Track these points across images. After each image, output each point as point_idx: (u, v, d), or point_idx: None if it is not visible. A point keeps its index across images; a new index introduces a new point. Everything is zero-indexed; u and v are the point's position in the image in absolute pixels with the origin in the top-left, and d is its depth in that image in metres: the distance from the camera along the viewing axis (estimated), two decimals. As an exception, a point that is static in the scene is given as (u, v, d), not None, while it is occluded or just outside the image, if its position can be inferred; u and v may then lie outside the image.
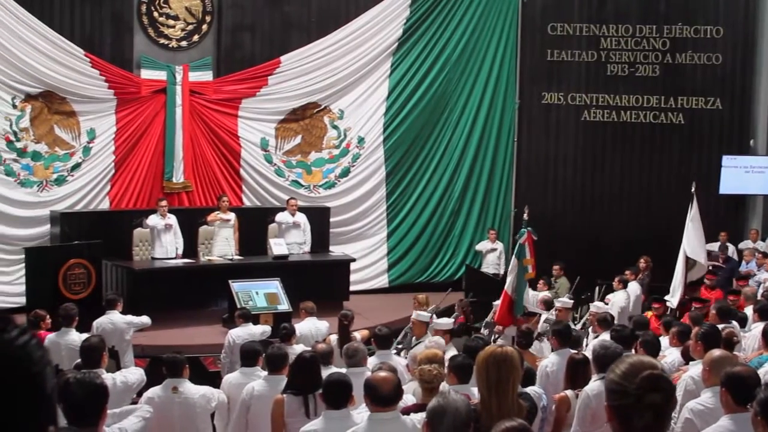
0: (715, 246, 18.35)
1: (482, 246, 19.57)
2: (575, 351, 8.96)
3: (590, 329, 12.30)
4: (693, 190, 16.03)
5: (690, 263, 16.13)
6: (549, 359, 9.31)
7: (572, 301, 12.13)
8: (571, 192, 20.02)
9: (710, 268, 17.10)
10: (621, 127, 19.74)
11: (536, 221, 19.45)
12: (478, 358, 5.25)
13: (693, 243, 16.14)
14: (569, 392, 7.74)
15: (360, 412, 6.37)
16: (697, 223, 16.21)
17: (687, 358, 9.11)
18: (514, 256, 12.79)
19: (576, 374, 7.93)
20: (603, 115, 19.83)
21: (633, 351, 9.00)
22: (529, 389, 7.15)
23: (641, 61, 19.62)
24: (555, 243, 18.97)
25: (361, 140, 19.45)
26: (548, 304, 14.60)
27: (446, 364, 7.33)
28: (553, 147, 20.11)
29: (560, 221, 19.65)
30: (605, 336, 10.41)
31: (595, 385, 7.31)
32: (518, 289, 12.26)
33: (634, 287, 16.03)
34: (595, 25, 19.65)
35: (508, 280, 12.65)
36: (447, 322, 11.22)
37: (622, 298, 15.46)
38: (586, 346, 10.91)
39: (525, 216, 13.41)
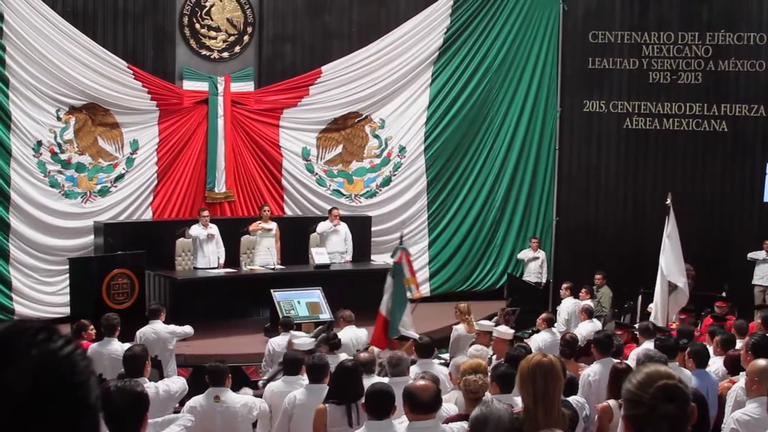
0: (759, 254, 18.15)
1: (524, 254, 19.51)
2: (618, 360, 8.88)
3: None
4: (668, 201, 15.00)
5: (672, 286, 14.52)
6: (591, 368, 9.23)
7: (512, 332, 11.46)
8: (613, 200, 19.90)
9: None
10: (663, 135, 19.59)
11: (578, 230, 19.57)
12: (523, 367, 5.20)
13: (670, 263, 14.63)
14: (612, 402, 7.66)
15: (402, 422, 6.36)
16: (675, 240, 14.85)
17: (730, 367, 9.03)
18: (388, 275, 11.95)
19: (619, 384, 7.83)
20: (645, 123, 19.70)
21: (677, 361, 8.94)
22: (571, 398, 7.11)
23: (683, 69, 19.48)
24: (597, 252, 18.90)
25: (402, 149, 19.45)
26: (589, 313, 14.52)
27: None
28: (594, 155, 20.00)
29: (602, 230, 19.56)
30: (648, 345, 10.34)
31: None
32: (393, 310, 11.47)
33: (678, 296, 15.90)
34: (636, 33, 19.53)
35: (383, 300, 11.81)
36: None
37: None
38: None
39: (401, 233, 12.95)
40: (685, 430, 3.07)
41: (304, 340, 10.41)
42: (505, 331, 10.75)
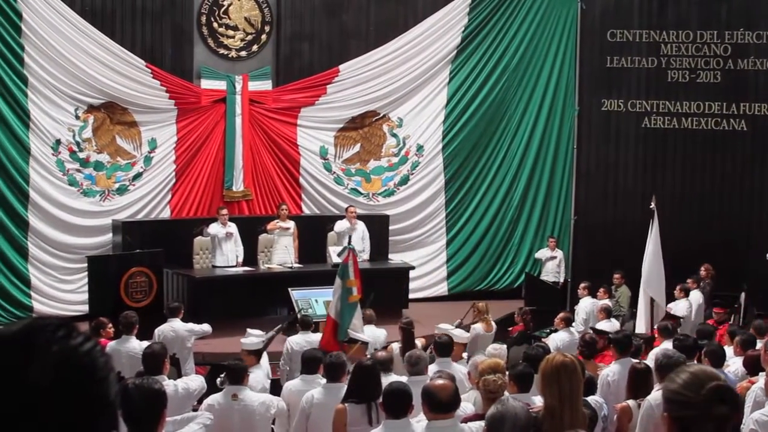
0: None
1: (542, 254, 19.46)
2: (637, 360, 8.85)
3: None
4: (652, 205, 14.73)
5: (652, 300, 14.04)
6: (610, 368, 9.21)
7: (468, 335, 11.27)
8: (631, 199, 19.78)
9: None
10: (682, 134, 19.50)
11: (596, 229, 19.50)
12: (546, 367, 5.19)
13: (651, 274, 14.16)
14: (631, 402, 7.64)
15: (419, 421, 6.36)
16: (657, 247, 14.38)
17: (749, 367, 8.98)
18: (337, 276, 11.85)
19: (638, 384, 7.81)
20: (664, 122, 19.61)
21: (695, 360, 8.90)
22: (590, 398, 7.09)
23: (702, 68, 19.38)
24: (615, 251, 18.81)
25: (420, 148, 19.44)
26: (608, 312, 14.48)
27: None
28: (613, 154, 19.92)
29: (620, 229, 19.47)
30: (667, 345, 10.30)
31: (658, 394, 7.18)
32: (342, 312, 11.36)
33: (696, 296, 15.86)
34: (655, 32, 19.45)
35: (332, 302, 11.75)
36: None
37: (684, 307, 15.30)
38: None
39: (349, 234, 12.79)
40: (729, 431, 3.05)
41: (252, 339, 10.35)
42: (461, 335, 10.62)
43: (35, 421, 1.56)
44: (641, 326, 13.34)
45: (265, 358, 10.11)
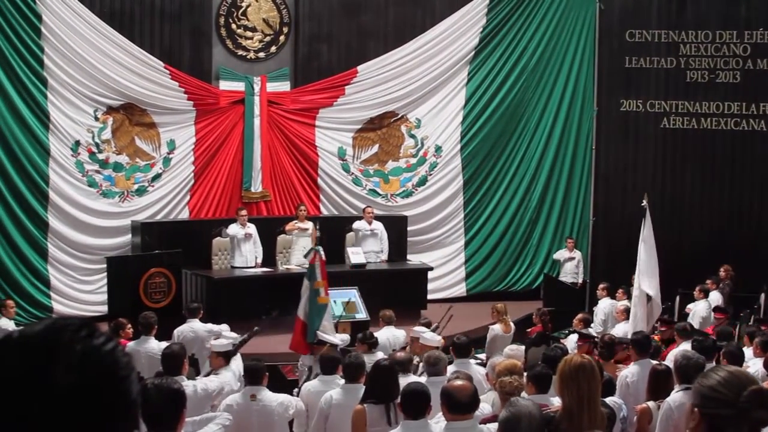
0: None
1: (560, 255, 19.42)
2: (657, 362, 8.82)
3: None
4: (644, 203, 14.34)
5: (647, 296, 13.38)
6: (629, 369, 9.18)
7: (439, 338, 11.06)
8: (650, 200, 19.71)
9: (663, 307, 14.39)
10: (701, 135, 19.41)
11: (614, 230, 19.42)
12: (564, 369, 5.18)
13: (644, 271, 13.57)
14: (651, 403, 7.61)
15: (437, 422, 6.36)
16: (650, 245, 13.95)
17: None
18: (305, 278, 11.74)
19: (658, 385, 7.78)
20: (683, 122, 19.53)
21: (714, 362, 8.87)
22: (609, 399, 7.07)
23: (721, 68, 19.29)
24: (634, 252, 18.72)
25: (438, 149, 19.43)
26: (627, 313, 14.43)
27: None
28: (631, 155, 19.84)
29: (639, 230, 19.36)
30: (686, 346, 10.27)
31: (677, 396, 7.17)
32: (310, 314, 11.21)
33: (716, 296, 15.79)
34: (674, 32, 19.38)
35: (300, 304, 11.59)
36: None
37: (703, 308, 15.24)
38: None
39: (317, 234, 12.68)
40: None
41: (221, 341, 10.30)
42: (432, 338, 10.50)
43: (59, 421, 1.57)
44: (641, 325, 12.72)
45: (238, 360, 10.02)
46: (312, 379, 9.29)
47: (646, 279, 13.27)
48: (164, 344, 10.00)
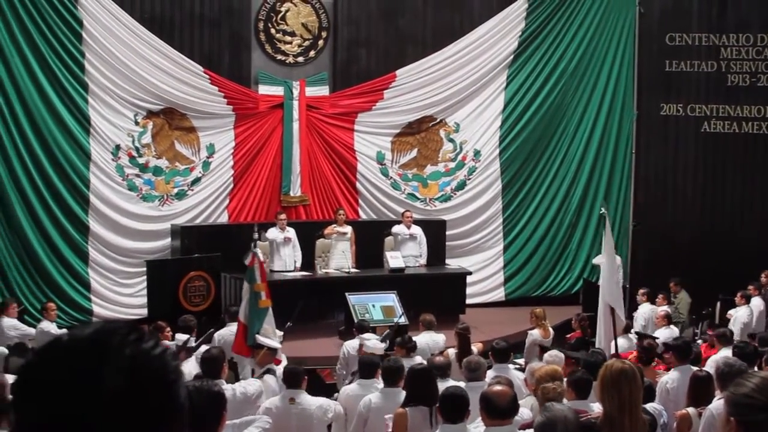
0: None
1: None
2: (698, 368, 8.75)
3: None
4: (602, 211, 13.61)
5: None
6: (669, 375, 9.11)
7: (384, 345, 10.79)
8: (691, 205, 19.60)
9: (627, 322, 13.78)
10: (742, 139, 19.25)
11: (655, 234, 19.31)
12: (606, 374, 5.15)
13: (606, 284, 12.71)
14: (691, 410, 7.54)
15: (476, 426, 6.34)
16: (610, 256, 13.08)
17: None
18: (245, 281, 11.54)
19: (699, 392, 7.71)
20: (723, 126, 19.38)
21: (756, 368, 8.80)
22: (649, 405, 7.03)
23: (763, 71, 19.12)
24: (675, 257, 18.65)
25: (477, 153, 19.39)
26: (668, 319, 14.35)
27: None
28: (671, 159, 19.72)
29: (680, 234, 19.29)
30: (726, 352, 10.19)
31: (720, 403, 7.08)
32: (251, 317, 10.95)
33: (757, 302, 15.65)
34: (714, 35, 19.23)
35: (241, 306, 11.41)
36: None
37: (744, 314, 15.12)
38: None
39: (255, 235, 12.57)
40: None
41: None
42: (374, 345, 10.35)
43: (108, 424, 1.58)
44: (602, 339, 12.01)
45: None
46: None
47: (609, 291, 12.49)
48: (204, 347, 10.05)
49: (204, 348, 10.06)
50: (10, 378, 7.76)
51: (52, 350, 1.66)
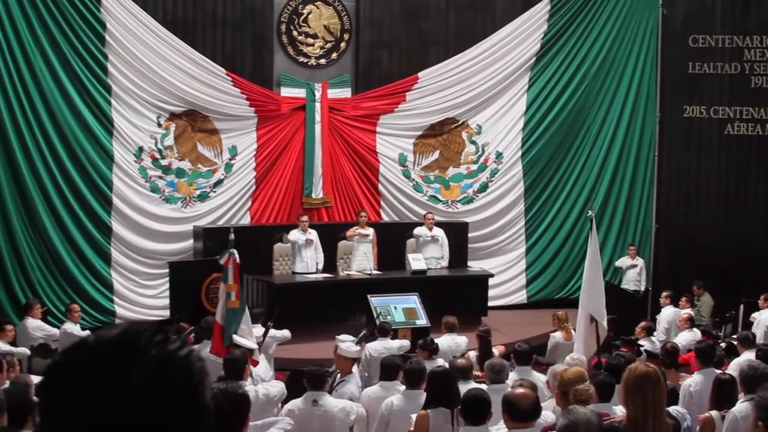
0: None
1: (622, 262, 19.25)
2: (721, 371, 8.72)
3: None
4: (590, 214, 13.08)
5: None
6: (692, 378, 9.09)
7: (357, 349, 10.72)
8: (714, 207, 19.51)
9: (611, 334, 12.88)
10: (766, 141, 19.16)
11: (678, 237, 19.24)
12: (629, 378, 5.13)
13: (589, 292, 12.16)
14: (714, 413, 7.51)
15: (499, 429, 6.33)
16: (596, 261, 12.57)
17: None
18: (221, 281, 11.40)
19: (722, 395, 7.67)
20: (747, 128, 19.29)
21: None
22: (672, 409, 7.00)
23: (787, 73, 19.07)
24: (698, 259, 18.57)
25: (499, 155, 19.36)
26: (691, 322, 14.29)
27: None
28: (695, 161, 19.65)
29: (703, 237, 19.21)
30: (749, 355, 10.14)
31: (743, 406, 7.05)
32: (226, 317, 10.84)
33: (783, 305, 15.57)
34: (738, 37, 19.13)
35: (218, 307, 11.25)
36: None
37: (767, 317, 15.04)
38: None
39: (231, 236, 12.51)
40: None
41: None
42: (348, 348, 10.31)
43: (134, 425, 1.58)
44: (580, 349, 11.42)
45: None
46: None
47: (590, 299, 12.06)
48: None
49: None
50: (35, 379, 7.80)
51: (78, 351, 1.66)
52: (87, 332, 12.72)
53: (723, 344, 12.98)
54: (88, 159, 16.46)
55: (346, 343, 10.32)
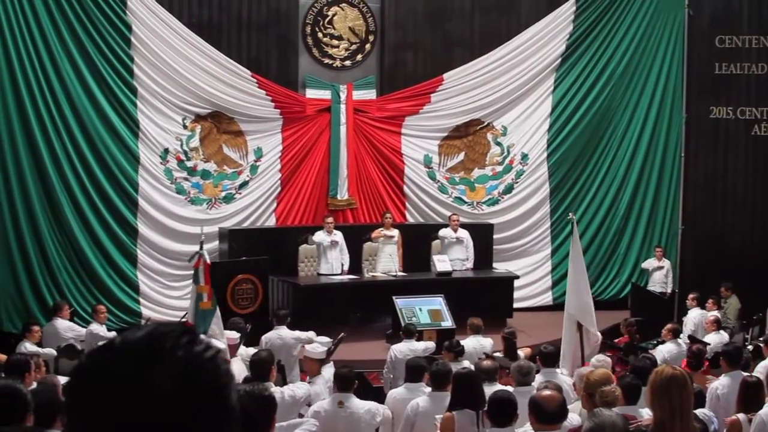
0: None
1: (648, 264, 19.17)
2: (748, 374, 8.67)
3: None
4: (570, 216, 13.17)
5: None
6: (719, 381, 9.04)
7: (323, 350, 10.60)
8: (741, 209, 19.38)
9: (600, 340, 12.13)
10: (793, 142, 19.08)
11: (704, 238, 19.14)
12: (656, 381, 5.10)
13: (574, 297, 11.93)
14: (741, 416, 7.47)
15: (525, 431, 6.32)
16: (579, 265, 12.38)
17: None
18: (192, 281, 11.51)
19: (749, 397, 7.64)
20: (774, 129, 19.23)
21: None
22: (699, 411, 6.96)
23: (814, 73, 18.95)
24: (724, 261, 18.46)
25: (524, 156, 19.32)
26: (718, 324, 14.23)
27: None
28: (721, 162, 19.52)
29: (730, 239, 19.10)
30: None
31: (770, 408, 7.05)
32: (196, 318, 10.92)
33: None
34: (765, 37, 18.99)
35: (189, 308, 11.40)
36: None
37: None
38: None
39: (202, 237, 12.36)
40: None
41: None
42: (313, 350, 10.23)
43: (160, 427, 1.58)
44: (565, 360, 11.14)
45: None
46: None
47: (575, 305, 11.80)
48: (252, 350, 10.09)
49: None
50: (62, 379, 7.84)
51: (105, 352, 1.67)
52: (113, 333, 12.80)
53: (750, 347, 12.93)
54: (114, 161, 16.54)
55: (313, 344, 10.38)
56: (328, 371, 9.71)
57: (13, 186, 15.69)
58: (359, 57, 18.66)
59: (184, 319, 11.18)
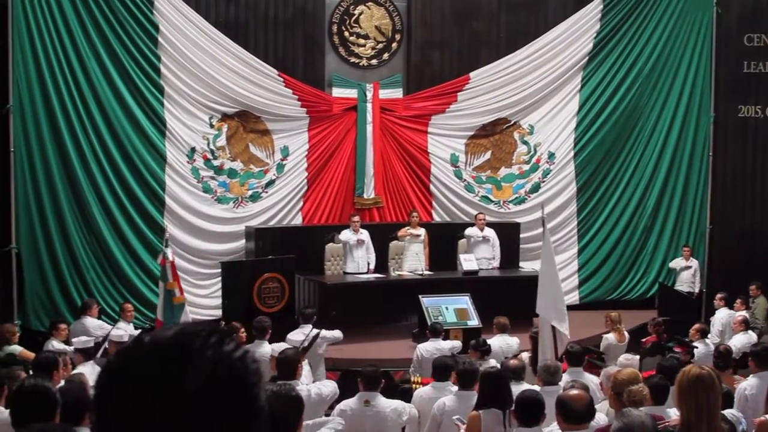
0: None
1: (676, 263, 19.08)
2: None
3: None
4: (542, 214, 13.09)
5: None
6: (748, 382, 8.98)
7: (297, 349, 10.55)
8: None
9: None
10: (822, 141, 18.95)
11: (732, 238, 19.03)
12: (683, 380, 5.08)
13: (545, 297, 11.83)
14: (770, 416, 7.44)
15: (552, 430, 6.30)
16: (550, 264, 12.27)
17: None
18: (160, 279, 11.56)
19: (778, 398, 7.60)
20: (803, 128, 19.11)
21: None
22: (727, 412, 6.93)
23: (843, 72, 18.82)
24: (752, 261, 18.36)
25: (551, 155, 19.26)
26: (746, 324, 14.15)
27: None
28: (750, 162, 19.42)
29: (758, 239, 18.99)
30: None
31: (799, 409, 7.00)
32: (165, 314, 10.97)
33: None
34: (794, 36, 18.93)
35: (158, 305, 11.40)
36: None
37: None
38: None
39: (166, 235, 12.27)
40: None
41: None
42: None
43: (189, 426, 1.58)
44: (541, 357, 11.00)
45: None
46: None
47: (546, 303, 11.75)
48: (278, 348, 10.10)
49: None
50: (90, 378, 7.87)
51: (135, 351, 1.67)
52: (139, 332, 12.81)
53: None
54: (141, 160, 16.60)
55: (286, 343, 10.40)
56: (306, 368, 9.72)
57: (41, 185, 15.76)
58: (386, 56, 18.67)
59: (159, 317, 11.20)
